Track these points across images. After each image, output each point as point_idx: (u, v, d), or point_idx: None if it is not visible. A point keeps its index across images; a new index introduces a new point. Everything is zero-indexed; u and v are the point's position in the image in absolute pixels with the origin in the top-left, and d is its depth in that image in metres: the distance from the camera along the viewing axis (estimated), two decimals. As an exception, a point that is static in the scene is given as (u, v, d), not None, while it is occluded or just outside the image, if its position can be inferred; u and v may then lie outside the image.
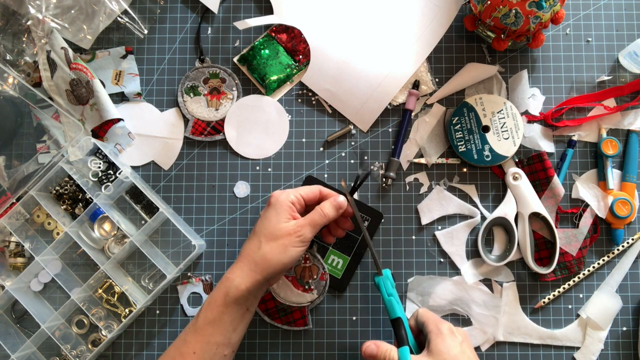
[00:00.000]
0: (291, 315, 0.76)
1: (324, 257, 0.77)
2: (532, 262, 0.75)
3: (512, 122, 0.76)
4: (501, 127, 0.76)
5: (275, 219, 0.66)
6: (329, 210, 0.68)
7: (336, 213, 0.68)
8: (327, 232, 0.73)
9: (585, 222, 0.76)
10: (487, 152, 0.76)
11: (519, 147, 0.76)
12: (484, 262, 0.76)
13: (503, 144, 0.76)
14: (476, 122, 0.77)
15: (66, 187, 0.79)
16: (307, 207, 0.70)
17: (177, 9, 0.83)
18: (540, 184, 0.77)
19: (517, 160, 0.78)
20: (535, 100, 0.79)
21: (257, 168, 0.80)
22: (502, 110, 0.77)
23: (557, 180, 0.76)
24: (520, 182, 0.76)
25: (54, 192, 0.79)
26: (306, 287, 0.76)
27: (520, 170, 0.77)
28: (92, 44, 0.82)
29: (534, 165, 0.77)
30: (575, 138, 0.78)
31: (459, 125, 0.77)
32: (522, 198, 0.76)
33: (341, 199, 0.69)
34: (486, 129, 0.77)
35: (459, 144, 0.77)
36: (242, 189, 0.80)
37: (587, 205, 0.77)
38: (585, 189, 0.77)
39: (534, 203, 0.76)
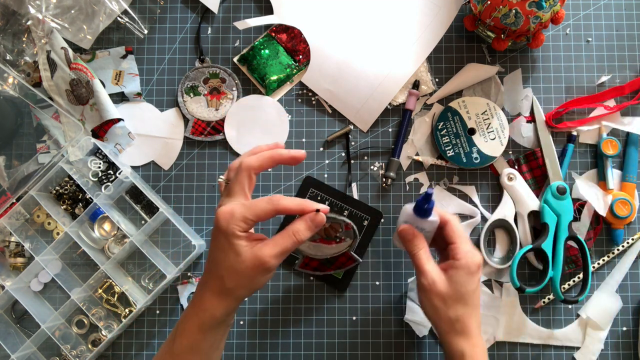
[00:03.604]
0: (338, 262, 0.73)
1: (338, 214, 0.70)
2: (535, 261, 0.75)
3: (497, 122, 0.77)
4: (487, 128, 0.77)
5: (231, 250, 0.57)
6: (304, 233, 0.58)
7: (312, 233, 0.59)
8: None
9: (587, 214, 0.76)
10: (475, 155, 0.76)
11: (506, 146, 0.76)
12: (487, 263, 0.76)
13: (490, 145, 0.76)
14: (462, 125, 0.77)
15: (66, 187, 0.79)
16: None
17: (177, 9, 0.83)
18: (537, 182, 0.77)
19: (513, 159, 0.78)
20: (528, 102, 0.79)
21: (257, 168, 0.80)
22: (485, 111, 0.77)
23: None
24: (515, 183, 0.76)
25: (54, 192, 0.79)
26: (337, 240, 0.68)
27: (514, 171, 0.76)
28: (92, 44, 0.82)
29: (530, 163, 0.77)
30: (574, 133, 0.77)
31: (445, 130, 0.77)
32: (519, 198, 0.76)
33: (319, 216, 0.58)
34: (472, 131, 0.77)
35: (446, 148, 0.77)
36: (242, 189, 0.80)
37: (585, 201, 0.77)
38: (585, 187, 0.76)
39: (532, 202, 0.76)
